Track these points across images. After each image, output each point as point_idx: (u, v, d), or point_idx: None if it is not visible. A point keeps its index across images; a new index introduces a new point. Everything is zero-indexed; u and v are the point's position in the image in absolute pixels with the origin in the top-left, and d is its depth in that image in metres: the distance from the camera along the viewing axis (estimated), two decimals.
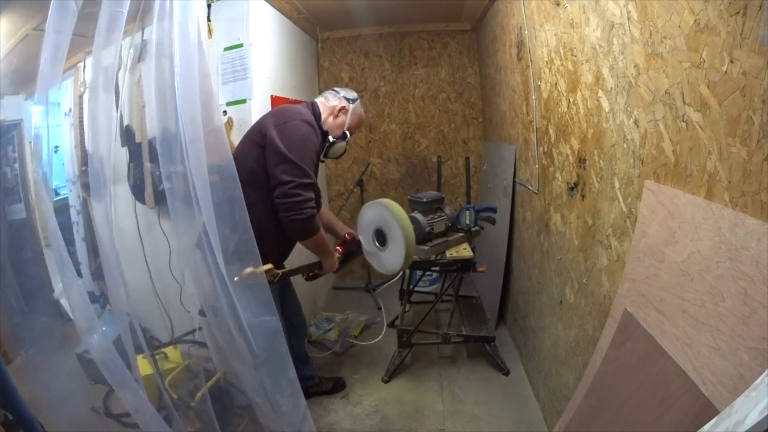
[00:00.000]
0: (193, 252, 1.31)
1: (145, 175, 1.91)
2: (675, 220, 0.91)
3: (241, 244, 1.22)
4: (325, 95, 1.75)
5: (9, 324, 1.55)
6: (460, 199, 3.46)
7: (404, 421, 1.93)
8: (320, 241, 1.58)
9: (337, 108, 1.69)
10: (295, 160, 1.44)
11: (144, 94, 1.77)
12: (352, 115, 1.73)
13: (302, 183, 1.44)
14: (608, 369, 1.12)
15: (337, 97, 1.72)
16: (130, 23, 1.21)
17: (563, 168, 1.61)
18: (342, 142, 1.74)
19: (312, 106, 1.70)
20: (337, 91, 1.74)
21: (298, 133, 1.49)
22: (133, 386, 1.13)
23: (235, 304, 1.21)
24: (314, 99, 1.75)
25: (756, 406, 0.51)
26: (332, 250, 1.69)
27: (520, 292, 2.30)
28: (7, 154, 1.85)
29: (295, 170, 1.44)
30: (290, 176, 1.43)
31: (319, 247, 1.61)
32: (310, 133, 1.52)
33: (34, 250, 1.72)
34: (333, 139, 1.70)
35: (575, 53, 1.42)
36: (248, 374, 1.32)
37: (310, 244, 1.57)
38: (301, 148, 1.47)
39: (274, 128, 1.49)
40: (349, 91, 1.77)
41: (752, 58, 0.69)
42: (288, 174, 1.43)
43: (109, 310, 1.80)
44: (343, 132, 1.72)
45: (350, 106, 1.72)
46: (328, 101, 1.72)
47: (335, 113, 1.69)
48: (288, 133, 1.48)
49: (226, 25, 2.03)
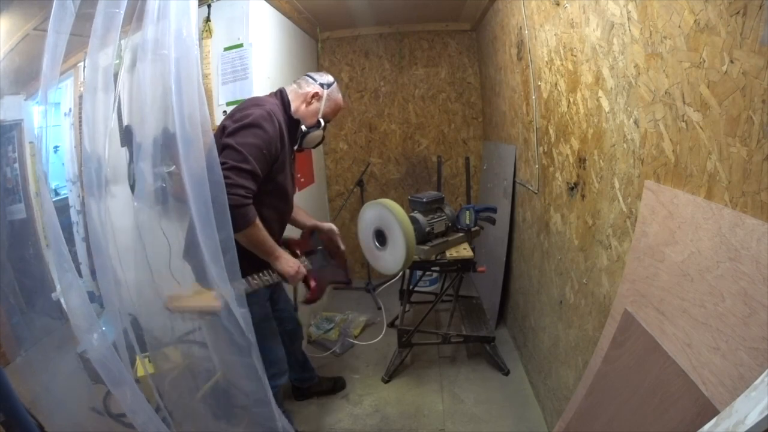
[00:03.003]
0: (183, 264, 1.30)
1: (145, 174, 1.91)
2: (675, 220, 0.91)
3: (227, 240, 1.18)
4: (298, 82, 1.62)
5: (9, 324, 1.55)
6: (460, 199, 3.46)
7: (404, 421, 1.93)
8: (255, 237, 1.40)
9: (309, 94, 1.56)
10: (234, 144, 1.34)
11: (143, 95, 1.77)
12: (327, 101, 1.59)
13: (236, 167, 1.31)
14: (608, 369, 1.12)
15: (310, 84, 1.59)
16: (129, 24, 1.20)
17: (563, 168, 1.60)
18: (317, 130, 1.60)
19: (280, 94, 1.58)
20: (311, 76, 1.61)
21: (248, 120, 1.38)
22: (132, 386, 1.13)
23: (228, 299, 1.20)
24: (284, 87, 1.63)
25: (756, 406, 0.51)
26: (279, 251, 1.48)
27: (520, 292, 2.30)
28: (7, 154, 1.85)
29: (233, 154, 1.33)
30: (225, 158, 1.30)
31: (255, 245, 1.42)
32: (262, 120, 1.39)
33: (34, 250, 1.72)
34: (306, 129, 1.57)
35: (575, 53, 1.42)
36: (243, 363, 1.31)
37: (244, 238, 1.36)
38: (246, 134, 1.36)
39: (230, 118, 1.43)
40: (324, 75, 1.64)
41: (752, 58, 0.69)
42: (224, 157, 1.31)
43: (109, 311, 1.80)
44: (317, 120, 1.59)
45: (324, 92, 1.58)
46: (300, 88, 1.59)
47: (308, 100, 1.56)
48: (240, 121, 1.38)
49: (226, 25, 2.04)
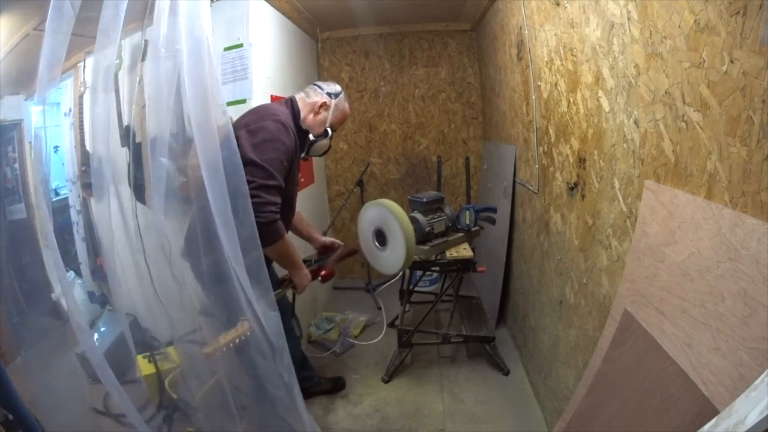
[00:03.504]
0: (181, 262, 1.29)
1: (145, 175, 1.91)
2: (675, 220, 0.91)
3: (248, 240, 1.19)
4: (306, 91, 1.65)
5: (8, 324, 1.55)
6: (460, 199, 3.46)
7: (404, 421, 1.93)
8: (284, 250, 1.48)
9: (317, 104, 1.60)
10: (259, 161, 1.36)
11: (145, 94, 1.77)
12: (335, 110, 1.63)
13: (264, 185, 1.36)
14: (608, 369, 1.12)
15: (318, 93, 1.62)
16: (132, 23, 1.21)
17: (563, 168, 1.61)
18: (324, 139, 1.64)
19: (291, 103, 1.61)
20: (319, 86, 1.65)
21: (267, 134, 1.41)
22: (130, 387, 1.13)
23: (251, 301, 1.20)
24: (293, 95, 1.66)
25: (756, 406, 0.51)
26: (300, 263, 1.58)
27: (520, 292, 2.30)
28: (7, 154, 1.85)
29: (258, 171, 1.36)
30: (251, 177, 1.33)
31: (283, 258, 1.51)
32: (280, 133, 1.43)
33: (34, 250, 1.72)
34: (313, 138, 1.61)
35: (575, 53, 1.42)
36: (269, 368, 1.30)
37: (273, 252, 1.45)
38: (268, 149, 1.39)
39: (244, 128, 1.42)
40: (332, 84, 1.68)
41: (752, 58, 0.69)
42: (250, 175, 1.32)
43: (109, 310, 1.81)
44: (324, 129, 1.63)
45: (332, 102, 1.62)
46: (308, 97, 1.63)
47: (316, 110, 1.60)
48: (257, 133, 1.41)
49: (226, 25, 2.03)
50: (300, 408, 1.35)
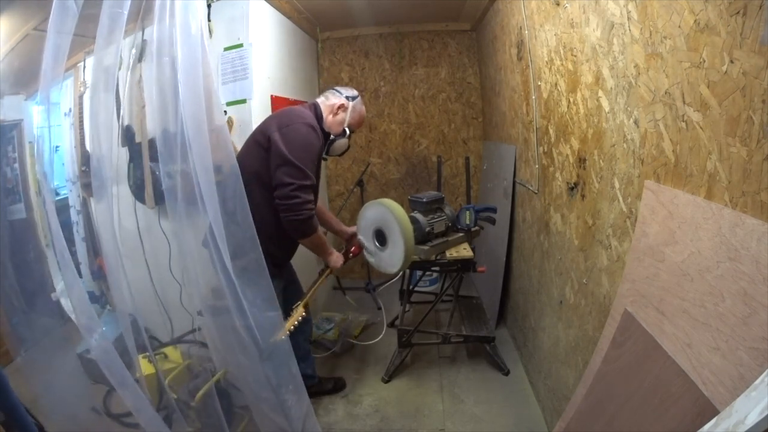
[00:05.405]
0: (200, 251, 1.32)
1: (145, 175, 1.92)
2: (675, 220, 0.91)
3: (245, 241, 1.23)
4: (326, 94, 1.78)
5: (9, 324, 1.55)
6: (460, 199, 3.45)
7: (404, 421, 1.93)
8: (318, 240, 1.65)
9: (336, 106, 1.72)
10: (296, 162, 1.49)
11: (144, 94, 1.77)
12: (353, 112, 1.75)
13: (302, 185, 1.50)
14: (608, 369, 1.12)
15: (336, 96, 1.75)
16: (131, 23, 1.21)
17: (563, 168, 1.61)
18: (343, 138, 1.76)
19: (314, 107, 1.73)
20: (338, 90, 1.78)
21: (300, 136, 1.54)
22: (133, 386, 1.13)
23: (241, 299, 1.22)
24: (315, 99, 1.78)
25: (756, 406, 0.51)
26: (330, 248, 1.76)
27: (520, 292, 2.30)
28: (7, 154, 1.85)
29: (296, 172, 1.49)
30: (291, 178, 1.48)
31: (316, 247, 1.68)
32: (311, 136, 1.57)
33: (35, 250, 1.72)
34: (333, 137, 1.73)
35: (575, 53, 1.42)
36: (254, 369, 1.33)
37: (308, 243, 1.64)
38: (302, 150, 1.52)
39: (278, 131, 1.53)
40: (349, 89, 1.80)
41: (752, 58, 0.69)
42: (289, 176, 1.48)
43: (109, 310, 1.81)
44: (343, 129, 1.75)
45: (350, 104, 1.74)
46: (328, 100, 1.75)
47: (335, 111, 1.72)
48: (290, 135, 1.52)
49: (226, 25, 2.03)
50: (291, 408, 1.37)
